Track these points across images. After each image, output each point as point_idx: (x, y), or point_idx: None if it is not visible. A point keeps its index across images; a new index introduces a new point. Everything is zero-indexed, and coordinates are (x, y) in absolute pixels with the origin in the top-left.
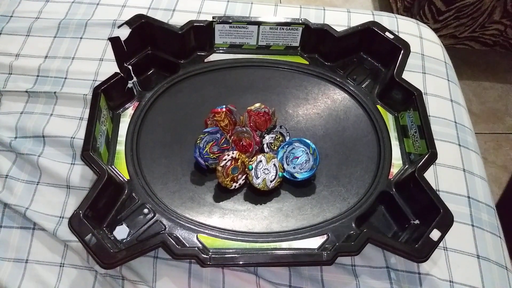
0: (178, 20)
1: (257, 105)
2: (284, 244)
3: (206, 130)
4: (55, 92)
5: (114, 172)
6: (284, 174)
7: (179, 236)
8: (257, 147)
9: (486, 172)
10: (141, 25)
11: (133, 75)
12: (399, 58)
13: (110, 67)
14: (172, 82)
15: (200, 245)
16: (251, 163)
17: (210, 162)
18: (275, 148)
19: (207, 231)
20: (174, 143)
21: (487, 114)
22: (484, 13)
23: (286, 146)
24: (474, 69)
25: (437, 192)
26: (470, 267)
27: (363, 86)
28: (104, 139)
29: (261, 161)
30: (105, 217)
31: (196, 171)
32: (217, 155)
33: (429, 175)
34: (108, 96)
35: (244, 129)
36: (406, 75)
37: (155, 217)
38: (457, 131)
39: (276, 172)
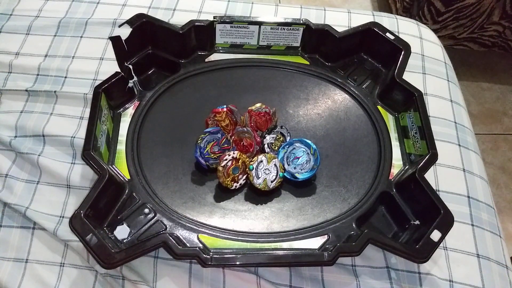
0: (178, 19)
1: (258, 105)
2: (285, 244)
3: (207, 130)
4: (55, 91)
5: (115, 171)
6: (285, 174)
7: (180, 236)
8: (257, 147)
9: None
10: (142, 24)
11: (133, 74)
12: (400, 58)
13: (111, 66)
14: (173, 81)
15: (201, 245)
16: (252, 163)
17: (211, 162)
18: (276, 148)
19: (208, 231)
20: (175, 142)
21: (485, 115)
22: (483, 14)
23: (287, 146)
24: (472, 70)
25: (437, 192)
26: (470, 266)
27: (364, 86)
28: (104, 138)
29: (262, 161)
30: (105, 216)
31: (196, 171)
32: (218, 155)
33: (429, 175)
34: (108, 95)
35: (245, 129)
36: (406, 76)
37: (155, 217)
38: (457, 132)
39: (277, 172)
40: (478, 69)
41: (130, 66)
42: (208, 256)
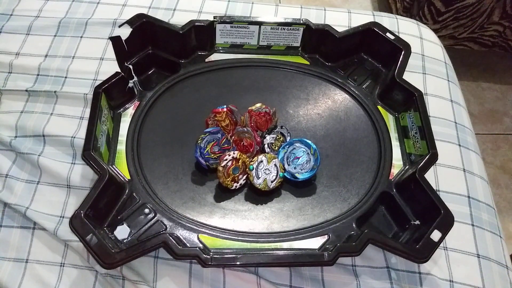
0: (179, 19)
1: (258, 105)
2: (285, 244)
3: (207, 130)
4: (55, 91)
5: (115, 171)
6: (285, 174)
7: (180, 236)
8: (258, 147)
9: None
10: (142, 24)
11: (133, 74)
12: (400, 58)
13: (111, 66)
14: (173, 81)
15: (201, 245)
16: (252, 163)
17: (211, 162)
18: (276, 148)
19: (208, 231)
20: (175, 142)
21: (485, 115)
22: (483, 14)
23: (287, 146)
24: (472, 70)
25: (437, 192)
26: (470, 266)
27: (364, 86)
28: (104, 138)
29: (262, 161)
30: (106, 217)
31: (197, 171)
32: (218, 155)
33: (429, 175)
34: (109, 95)
35: (245, 129)
36: (406, 76)
37: (156, 217)
38: (457, 131)
39: (277, 172)
40: (478, 69)
41: (130, 66)
42: (208, 256)
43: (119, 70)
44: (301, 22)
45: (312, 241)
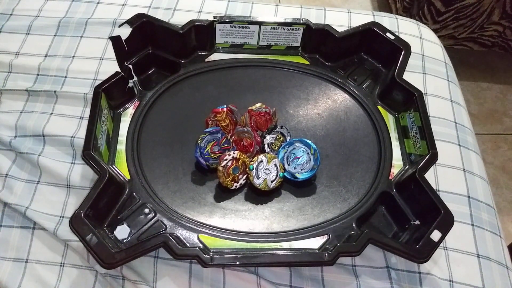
0: (179, 19)
1: (258, 105)
2: (285, 244)
3: (207, 130)
4: (55, 91)
5: (115, 171)
6: (285, 174)
7: (180, 236)
8: (258, 147)
9: None
10: (142, 24)
11: (133, 74)
12: (400, 58)
13: (111, 66)
14: (173, 81)
15: (201, 245)
16: (252, 163)
17: (211, 162)
18: (276, 148)
19: (208, 231)
20: (175, 142)
21: (485, 115)
22: (483, 14)
23: (287, 146)
24: (472, 70)
25: (437, 192)
26: (470, 266)
27: (364, 86)
28: (104, 138)
29: (262, 161)
30: (106, 216)
31: (197, 171)
32: (218, 155)
33: (429, 175)
34: (109, 95)
35: (245, 129)
36: (406, 76)
37: (156, 217)
38: (457, 131)
39: (277, 172)
40: (478, 69)
41: (130, 66)
42: (208, 256)
43: (119, 70)
44: (301, 22)
45: (312, 241)
